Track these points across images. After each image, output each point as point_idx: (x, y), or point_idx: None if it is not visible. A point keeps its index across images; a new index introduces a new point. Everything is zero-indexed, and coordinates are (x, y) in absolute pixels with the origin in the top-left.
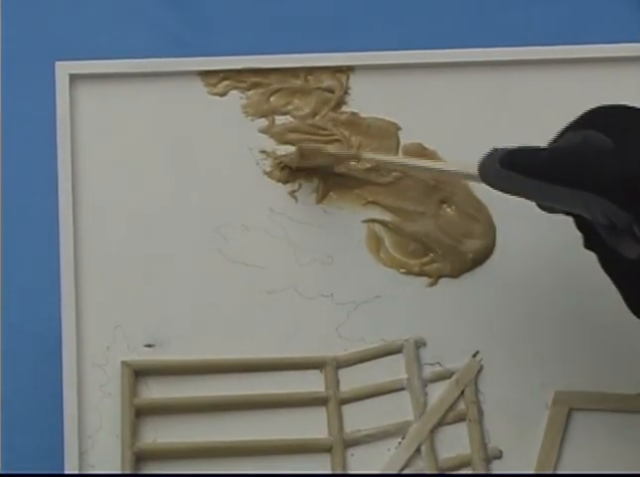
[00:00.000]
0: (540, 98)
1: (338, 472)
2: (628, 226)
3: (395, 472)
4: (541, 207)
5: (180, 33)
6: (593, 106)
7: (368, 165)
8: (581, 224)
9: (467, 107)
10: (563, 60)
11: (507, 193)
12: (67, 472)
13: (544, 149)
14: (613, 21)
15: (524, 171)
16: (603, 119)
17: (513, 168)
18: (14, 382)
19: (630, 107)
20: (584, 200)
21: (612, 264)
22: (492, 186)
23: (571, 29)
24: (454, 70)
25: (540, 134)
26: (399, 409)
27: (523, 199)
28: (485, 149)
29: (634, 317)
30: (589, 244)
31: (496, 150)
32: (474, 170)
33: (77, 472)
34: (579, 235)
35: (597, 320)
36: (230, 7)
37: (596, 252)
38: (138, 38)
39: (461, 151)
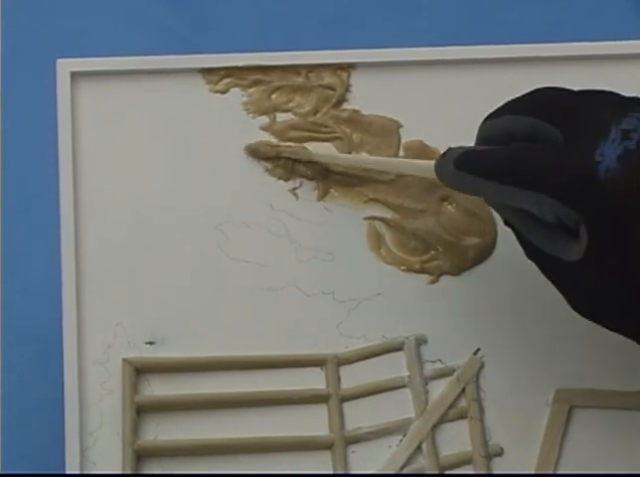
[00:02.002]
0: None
1: (339, 470)
2: (576, 225)
3: (396, 470)
4: (489, 204)
5: (181, 30)
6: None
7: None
8: (520, 235)
9: (469, 105)
10: (565, 57)
11: (463, 192)
12: (67, 470)
13: (496, 149)
14: (614, 18)
15: (476, 172)
16: (550, 107)
17: (466, 169)
18: (15, 379)
19: (576, 92)
20: (535, 200)
21: (554, 271)
22: (448, 186)
23: (573, 26)
24: (456, 67)
25: None
26: (400, 407)
27: None
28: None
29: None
30: (530, 255)
31: (450, 150)
32: (431, 168)
33: (77, 471)
34: None
35: None
36: (231, 4)
37: (537, 262)
38: (140, 35)
39: None
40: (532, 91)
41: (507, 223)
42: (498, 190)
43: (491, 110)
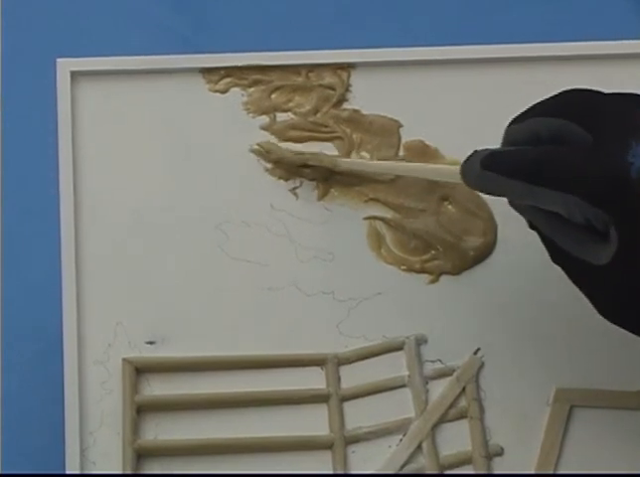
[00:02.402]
0: (542, 95)
1: (339, 469)
2: (606, 228)
3: (396, 469)
4: (513, 206)
5: (181, 30)
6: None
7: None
8: (546, 238)
9: (469, 104)
10: (565, 57)
11: (489, 194)
12: (67, 470)
13: (524, 149)
14: (614, 18)
15: (504, 172)
16: (580, 108)
17: (494, 169)
18: (15, 379)
19: (604, 94)
20: (564, 200)
21: (581, 276)
22: (474, 187)
23: (573, 26)
24: (456, 67)
25: None
26: (400, 407)
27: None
28: (487, 146)
29: None
30: (556, 259)
31: (477, 152)
32: (456, 172)
33: (77, 470)
34: None
35: (599, 317)
36: (231, 4)
37: (564, 267)
38: (140, 35)
39: (463, 148)
40: (559, 93)
41: (532, 225)
42: (525, 190)
43: (493, 110)
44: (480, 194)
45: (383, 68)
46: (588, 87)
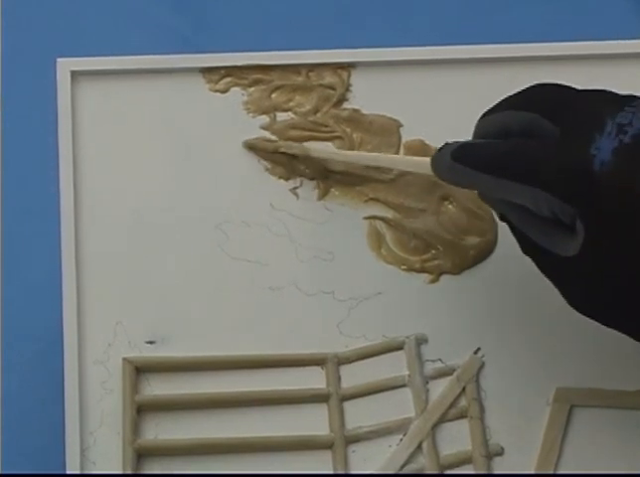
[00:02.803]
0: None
1: (339, 469)
2: (572, 220)
3: (396, 469)
4: (483, 198)
5: (182, 30)
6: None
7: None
8: (515, 230)
9: (469, 104)
10: (565, 56)
11: (458, 186)
12: (68, 470)
13: (493, 143)
14: (614, 18)
15: (473, 165)
16: (547, 102)
17: (462, 162)
18: (15, 379)
19: (574, 89)
20: (531, 194)
21: (550, 267)
22: (444, 179)
23: (572, 26)
24: (456, 66)
25: None
26: (400, 406)
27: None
28: None
29: None
30: (526, 250)
31: (448, 144)
32: (427, 163)
33: (77, 470)
34: None
35: None
36: (231, 4)
37: (533, 258)
38: (140, 34)
39: None
40: (528, 87)
41: (502, 218)
42: (494, 183)
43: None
44: None
45: (383, 67)
46: (558, 82)
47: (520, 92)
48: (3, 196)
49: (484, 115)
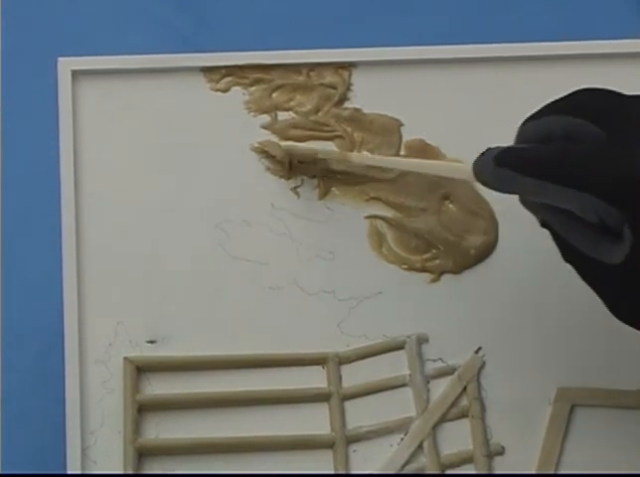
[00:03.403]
0: (543, 94)
1: (340, 469)
2: (619, 226)
3: (397, 469)
4: (525, 204)
5: (182, 29)
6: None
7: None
8: (558, 237)
9: (470, 104)
10: (566, 56)
11: (501, 191)
12: (69, 469)
13: (539, 147)
14: (613, 17)
15: (518, 169)
16: (595, 108)
17: (507, 166)
18: (16, 378)
19: (619, 94)
20: (578, 198)
21: (593, 275)
22: (486, 185)
23: (573, 25)
24: (457, 66)
25: None
26: (401, 406)
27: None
28: (487, 145)
29: None
30: (567, 257)
31: (490, 149)
32: (468, 169)
33: (79, 470)
34: None
35: (600, 316)
36: (232, 3)
37: (575, 265)
38: (141, 34)
39: (464, 147)
40: (573, 92)
41: (544, 224)
42: (539, 188)
43: (494, 109)
44: (481, 193)
45: (384, 67)
46: (602, 87)
47: (564, 97)
48: (4, 195)
49: (527, 121)
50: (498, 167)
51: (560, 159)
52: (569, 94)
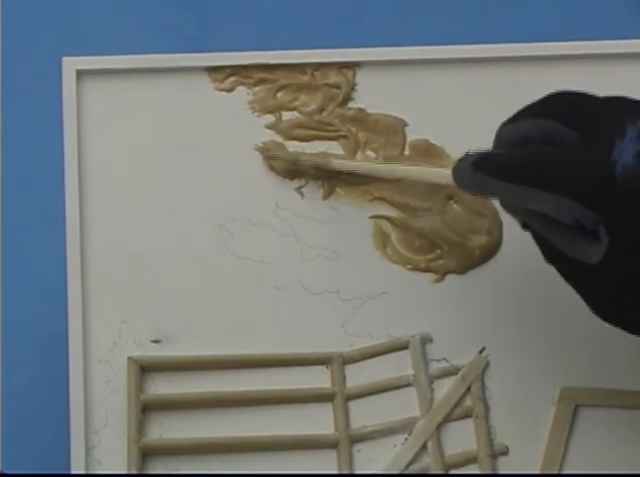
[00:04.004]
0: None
1: (344, 468)
2: (595, 226)
3: (401, 469)
4: (505, 207)
5: (187, 29)
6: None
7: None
8: (538, 238)
9: (474, 103)
10: (570, 56)
11: (481, 195)
12: (73, 469)
13: (514, 151)
14: (615, 17)
15: (494, 174)
16: (567, 110)
17: (484, 170)
18: (20, 377)
19: (592, 96)
20: (554, 201)
21: (574, 275)
22: (466, 189)
23: (574, 25)
24: (461, 66)
25: None
26: (405, 406)
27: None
28: (491, 145)
29: None
30: (549, 258)
31: (468, 154)
32: (449, 174)
33: (83, 469)
34: None
35: None
36: (236, 3)
37: (557, 266)
38: (145, 33)
39: (468, 147)
40: (547, 96)
41: (525, 226)
42: (516, 192)
43: (498, 108)
44: None
45: (388, 66)
46: (577, 90)
47: (539, 101)
48: (7, 194)
49: (504, 124)
50: (476, 172)
51: (534, 163)
52: (544, 98)
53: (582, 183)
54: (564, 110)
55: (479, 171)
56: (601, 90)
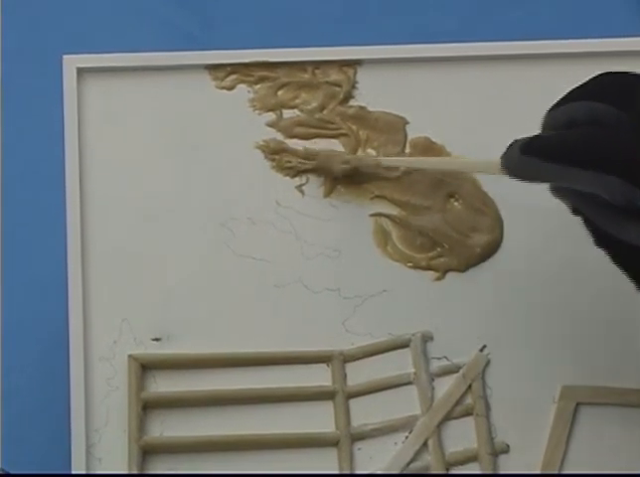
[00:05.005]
0: (547, 92)
1: (345, 467)
2: None
3: (402, 467)
4: (554, 192)
5: (188, 27)
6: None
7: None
8: (589, 222)
9: (475, 101)
10: (570, 54)
11: (529, 181)
12: (73, 467)
13: (564, 133)
14: (614, 15)
15: (543, 156)
16: (615, 91)
17: (533, 154)
18: (21, 376)
19: (638, 75)
20: (605, 182)
21: (625, 258)
22: (514, 175)
23: (575, 24)
24: (462, 64)
25: None
26: (406, 404)
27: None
28: (492, 143)
29: None
30: (599, 242)
31: (516, 141)
32: (495, 163)
33: (83, 467)
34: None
35: (605, 314)
36: (237, 1)
37: (607, 249)
38: (146, 31)
39: (469, 145)
40: (593, 77)
41: (575, 210)
42: (566, 174)
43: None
44: (486, 191)
45: (389, 64)
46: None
47: (584, 83)
48: (8, 193)
49: (550, 110)
50: (524, 156)
51: (585, 143)
52: (590, 80)
53: (634, 163)
54: (612, 91)
55: (528, 154)
56: None
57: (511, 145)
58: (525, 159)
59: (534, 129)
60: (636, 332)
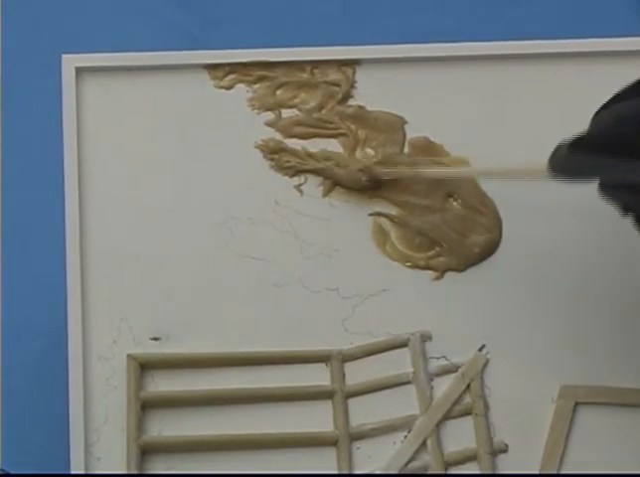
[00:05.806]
0: (547, 92)
1: (344, 466)
2: None
3: (401, 466)
4: (604, 191)
5: (186, 26)
6: (598, 100)
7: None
8: None
9: (474, 101)
10: (570, 54)
11: (579, 178)
12: (72, 466)
13: (612, 126)
14: (614, 15)
15: (594, 148)
16: None
17: (583, 149)
18: (19, 375)
19: None
20: None
21: None
22: (563, 174)
23: (575, 23)
24: (461, 64)
25: (547, 127)
26: (404, 403)
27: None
28: (492, 143)
29: None
30: None
31: (561, 144)
32: (538, 167)
33: (82, 466)
34: (586, 229)
35: (604, 314)
36: (235, 0)
37: None
38: (145, 31)
39: (468, 145)
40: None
41: (626, 209)
42: (619, 166)
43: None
44: (484, 191)
45: (387, 64)
46: None
47: (633, 84)
48: (7, 193)
49: (598, 111)
50: (574, 153)
51: (636, 134)
52: (637, 80)
53: None
54: None
55: (578, 151)
56: (601, 89)
57: (557, 147)
58: (574, 157)
59: (533, 129)
60: (636, 332)
